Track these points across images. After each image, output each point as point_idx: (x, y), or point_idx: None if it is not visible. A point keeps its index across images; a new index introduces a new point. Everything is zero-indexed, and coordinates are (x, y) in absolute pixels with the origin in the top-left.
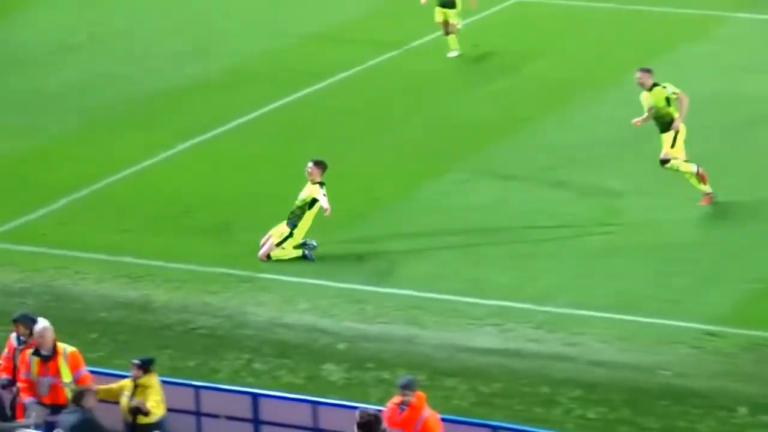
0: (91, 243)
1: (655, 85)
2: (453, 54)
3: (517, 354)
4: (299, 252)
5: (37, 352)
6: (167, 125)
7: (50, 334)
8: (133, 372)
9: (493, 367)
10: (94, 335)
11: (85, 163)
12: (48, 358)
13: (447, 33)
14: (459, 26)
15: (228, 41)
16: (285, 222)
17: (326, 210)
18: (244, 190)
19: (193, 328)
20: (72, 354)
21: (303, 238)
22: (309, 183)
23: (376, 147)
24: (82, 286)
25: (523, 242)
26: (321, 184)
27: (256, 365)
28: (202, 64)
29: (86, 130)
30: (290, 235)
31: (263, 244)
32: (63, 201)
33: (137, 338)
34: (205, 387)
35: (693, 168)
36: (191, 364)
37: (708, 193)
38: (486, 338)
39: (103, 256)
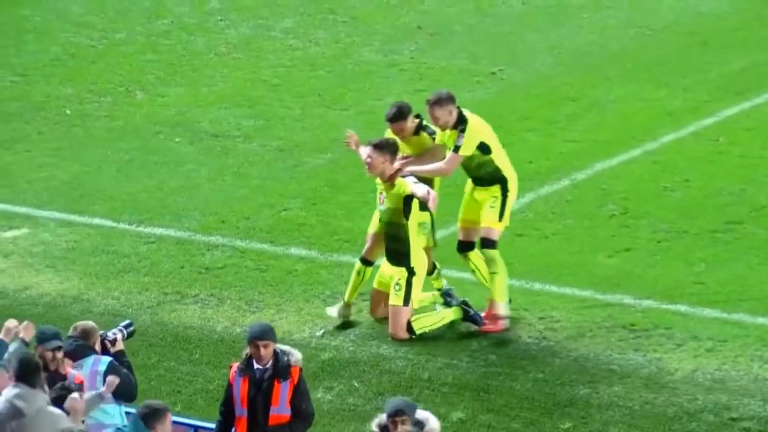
0: (561, 267)
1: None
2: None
3: None
4: (456, 311)
5: None
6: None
7: None
8: None
9: None
10: (567, 425)
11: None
12: None
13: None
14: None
15: None
16: (386, 261)
17: (429, 199)
18: None
19: (734, 419)
20: None
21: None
22: (379, 182)
23: None
24: (551, 341)
25: None
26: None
27: None
28: None
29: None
30: (411, 272)
31: (382, 313)
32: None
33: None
34: None
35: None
36: None
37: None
38: None
39: (582, 291)
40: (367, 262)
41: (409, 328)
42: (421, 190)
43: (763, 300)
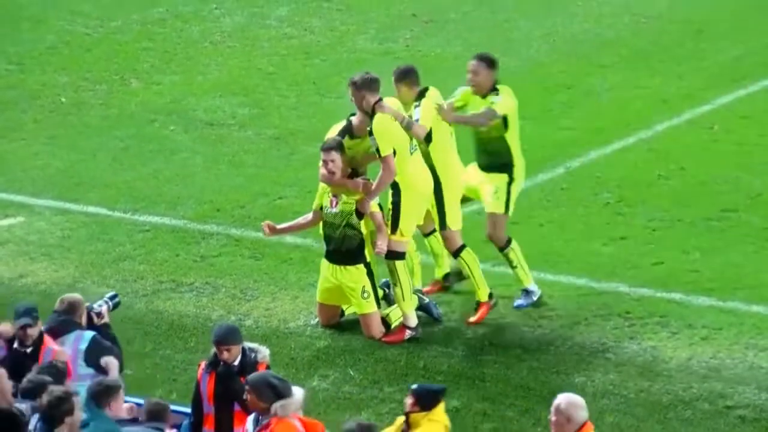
0: (556, 255)
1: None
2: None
3: None
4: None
5: None
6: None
7: None
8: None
9: None
10: None
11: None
12: None
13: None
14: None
15: None
16: (332, 266)
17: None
18: None
19: (729, 407)
20: None
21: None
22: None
23: None
24: (546, 329)
25: None
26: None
27: None
28: None
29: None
30: (369, 270)
31: (333, 321)
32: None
33: (630, 420)
34: None
35: None
36: None
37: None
38: None
39: (577, 279)
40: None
41: (384, 323)
42: (378, 218)
43: (758, 288)
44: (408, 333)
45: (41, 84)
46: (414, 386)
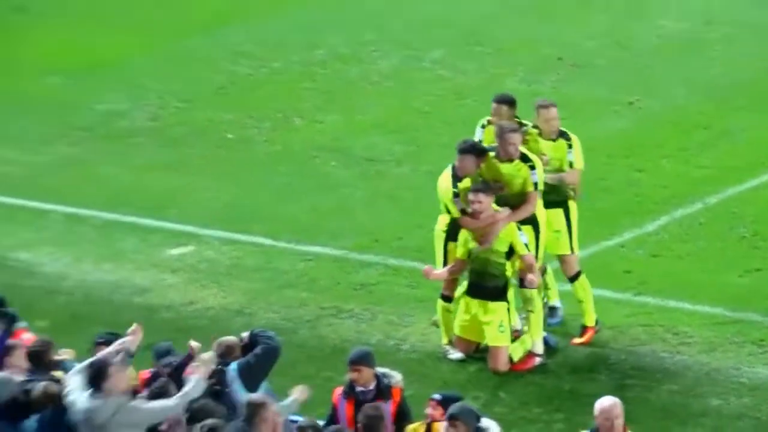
0: (694, 285)
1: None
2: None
3: None
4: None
5: None
6: None
7: None
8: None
9: None
10: None
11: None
12: None
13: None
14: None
15: None
16: (472, 299)
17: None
18: None
19: None
20: None
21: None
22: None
23: None
24: (684, 355)
25: None
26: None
27: None
28: None
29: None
30: (509, 306)
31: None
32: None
33: None
34: None
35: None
36: None
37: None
38: None
39: (713, 308)
40: (449, 298)
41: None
42: (530, 260)
43: None
44: (537, 360)
45: (208, 121)
46: (437, 396)
